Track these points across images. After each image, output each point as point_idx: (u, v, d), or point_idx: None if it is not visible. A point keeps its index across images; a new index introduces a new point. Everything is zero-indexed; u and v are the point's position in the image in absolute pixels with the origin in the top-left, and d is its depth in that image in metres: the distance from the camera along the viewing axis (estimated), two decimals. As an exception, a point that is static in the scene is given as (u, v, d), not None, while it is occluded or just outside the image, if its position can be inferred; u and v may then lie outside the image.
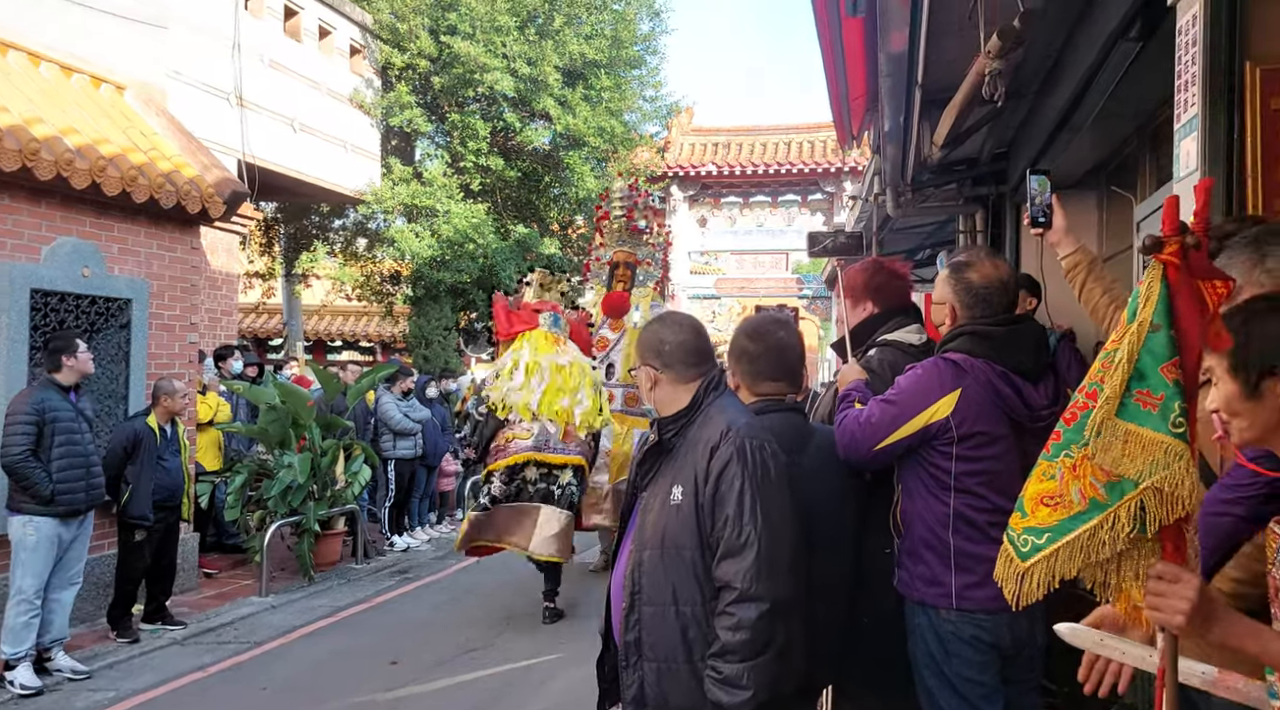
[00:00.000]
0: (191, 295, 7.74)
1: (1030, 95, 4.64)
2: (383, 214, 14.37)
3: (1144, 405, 1.59)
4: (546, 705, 5.23)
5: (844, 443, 2.55)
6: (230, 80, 11.04)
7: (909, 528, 2.56)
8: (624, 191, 8.78)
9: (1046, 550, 1.69)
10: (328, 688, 5.50)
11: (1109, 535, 1.62)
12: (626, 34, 14.58)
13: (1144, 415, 1.59)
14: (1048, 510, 1.70)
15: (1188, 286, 1.61)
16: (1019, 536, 1.75)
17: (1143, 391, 1.60)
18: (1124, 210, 5.25)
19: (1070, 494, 1.67)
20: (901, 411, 2.49)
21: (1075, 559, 1.66)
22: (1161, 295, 1.60)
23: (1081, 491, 1.65)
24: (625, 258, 8.47)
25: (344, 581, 8.19)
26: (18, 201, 6.22)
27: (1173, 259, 1.60)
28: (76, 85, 7.33)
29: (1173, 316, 1.60)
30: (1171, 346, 1.59)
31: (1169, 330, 1.59)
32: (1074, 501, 1.66)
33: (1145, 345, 1.61)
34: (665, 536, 2.23)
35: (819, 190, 20.72)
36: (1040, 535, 1.70)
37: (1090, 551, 1.64)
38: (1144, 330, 1.61)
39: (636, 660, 2.26)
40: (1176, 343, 1.59)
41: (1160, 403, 1.58)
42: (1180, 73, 2.67)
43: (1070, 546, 1.66)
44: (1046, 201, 2.59)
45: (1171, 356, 1.58)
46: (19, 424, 5.40)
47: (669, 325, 2.41)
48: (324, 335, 19.08)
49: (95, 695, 5.35)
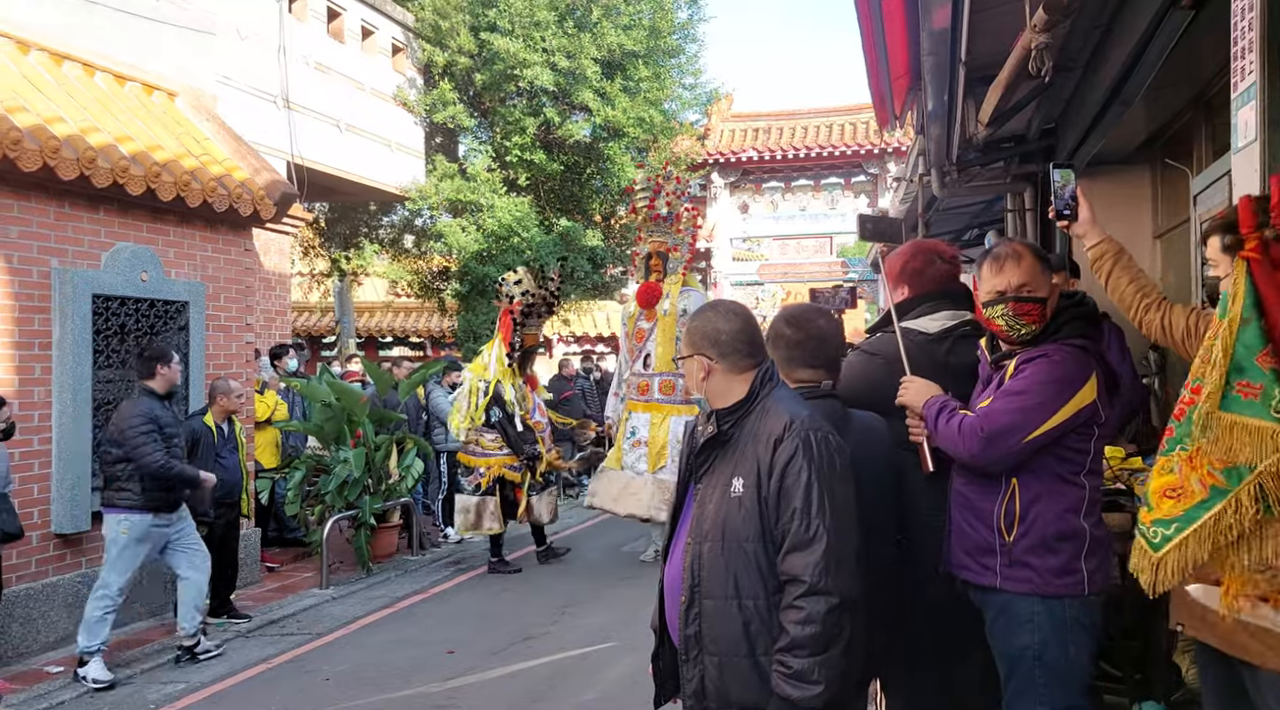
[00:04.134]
0: (246, 296, 7.92)
1: (1079, 69, 4.54)
2: (429, 210, 14.53)
3: (1245, 395, 1.69)
4: (601, 693, 5.28)
5: (975, 446, 2.46)
6: (277, 83, 11.23)
7: (1031, 522, 2.46)
8: (645, 182, 8.81)
9: (1176, 539, 1.78)
10: (388, 677, 5.62)
11: (1234, 518, 1.70)
12: (664, 23, 14.53)
13: (1246, 405, 1.68)
14: (1171, 502, 1.80)
15: (1272, 279, 1.69)
16: (1149, 529, 1.84)
17: (1243, 383, 1.69)
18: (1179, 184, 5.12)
19: (1191, 484, 1.76)
20: (1042, 401, 2.41)
21: (1205, 543, 1.74)
22: (1248, 289, 1.69)
23: (1201, 481, 1.74)
24: (656, 247, 8.55)
25: (401, 573, 8.33)
26: (77, 209, 6.41)
27: (1254, 254, 1.70)
28: (129, 93, 7.51)
29: (1261, 308, 1.68)
30: (1263, 337, 1.67)
31: (1259, 322, 1.67)
32: (1195, 491, 1.75)
33: (1239, 339, 1.69)
34: (726, 529, 2.21)
35: (862, 172, 20.48)
36: (1168, 526, 1.79)
37: (1218, 535, 1.72)
38: (1235, 325, 1.69)
39: (697, 654, 2.24)
40: (1267, 333, 1.67)
41: (1260, 391, 1.67)
42: (1236, 39, 2.59)
43: (1199, 532, 1.74)
44: (1071, 193, 2.60)
45: (1264, 346, 1.67)
46: (142, 432, 5.54)
47: (723, 314, 2.35)
48: (375, 332, 19.38)
49: (166, 688, 5.52)
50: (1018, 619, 2.49)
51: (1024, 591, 2.48)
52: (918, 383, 2.68)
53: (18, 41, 6.69)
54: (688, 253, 8.79)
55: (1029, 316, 2.50)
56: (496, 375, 8.21)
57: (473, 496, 8.23)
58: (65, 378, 6.21)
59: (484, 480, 8.22)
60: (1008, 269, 2.51)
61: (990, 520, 2.53)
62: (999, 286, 2.52)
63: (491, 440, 8.22)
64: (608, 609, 7.04)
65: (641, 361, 8.49)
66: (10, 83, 6.25)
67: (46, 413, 6.17)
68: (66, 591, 6.24)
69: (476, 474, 8.27)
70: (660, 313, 8.34)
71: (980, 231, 9.47)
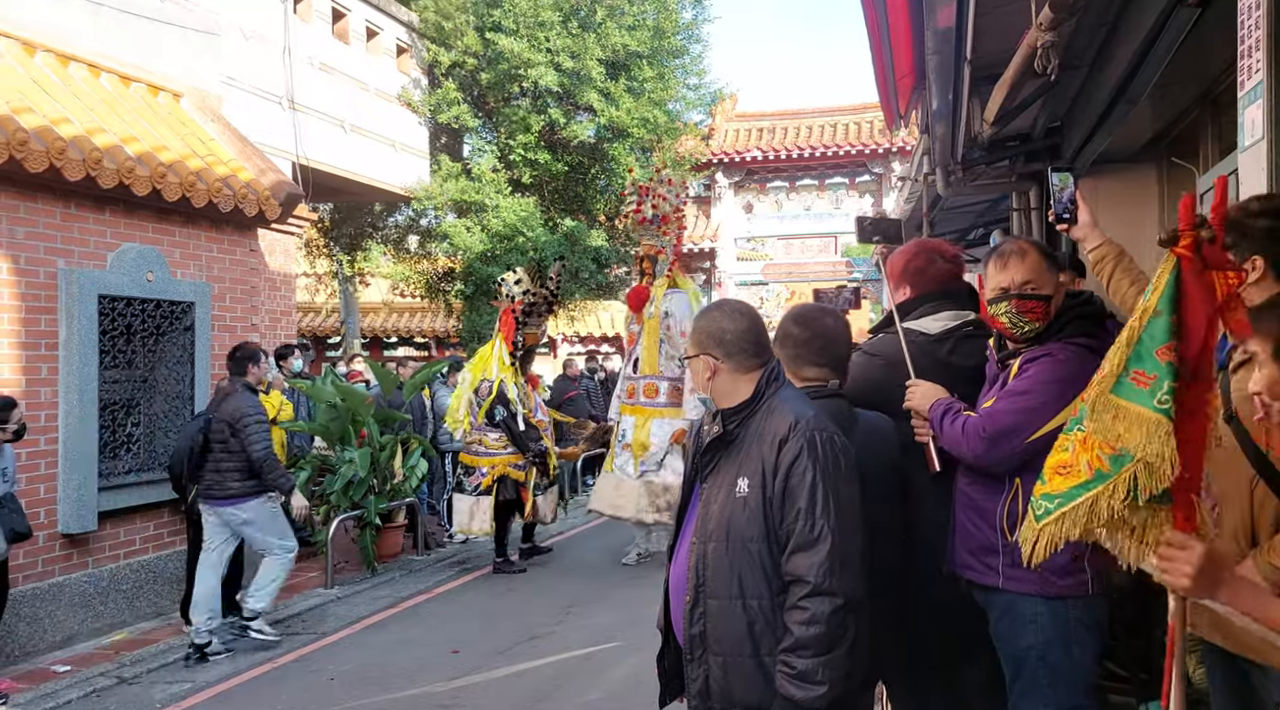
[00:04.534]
0: (252, 296, 7.93)
1: (1084, 67, 4.53)
2: (433, 211, 14.55)
3: (1138, 384, 1.74)
4: (606, 693, 5.28)
5: (979, 446, 2.46)
6: (282, 84, 11.25)
7: None
8: (632, 189, 8.85)
9: (1055, 513, 1.83)
10: (392, 676, 5.62)
11: (1107, 502, 1.75)
12: (669, 23, 14.52)
13: (1136, 393, 1.74)
14: (1061, 478, 1.85)
15: (1199, 277, 1.74)
16: (1037, 501, 1.90)
17: (1139, 371, 1.75)
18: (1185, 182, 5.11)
19: (1079, 464, 1.82)
20: (1045, 401, 2.41)
21: (1078, 523, 1.80)
22: (1169, 284, 1.74)
23: (1089, 463, 1.80)
24: (647, 251, 8.61)
25: (405, 572, 8.34)
26: (83, 210, 6.42)
27: (1185, 251, 1.74)
28: (135, 94, 7.53)
29: (1178, 304, 1.73)
30: (1169, 331, 1.72)
31: (1170, 316, 1.72)
32: (1081, 471, 1.81)
33: (1146, 329, 1.75)
34: (730, 529, 2.21)
35: (867, 172, 20.46)
36: (1052, 500, 1.85)
37: (1091, 517, 1.78)
38: (1147, 315, 1.75)
39: (702, 654, 2.25)
40: (1176, 329, 1.72)
41: (1153, 382, 1.72)
42: (1243, 37, 2.59)
43: (1074, 511, 1.80)
44: (1070, 196, 2.62)
45: (1167, 341, 1.72)
46: (256, 424, 6.08)
47: (729, 314, 2.35)
48: (379, 332, 19.40)
49: (172, 687, 5.54)
50: (1021, 619, 2.49)
51: (1027, 592, 2.47)
52: (924, 386, 2.67)
53: (24, 43, 6.71)
54: (672, 255, 8.77)
55: (1032, 314, 2.50)
56: (500, 375, 8.22)
57: (469, 496, 8.26)
58: (72, 378, 6.23)
59: (485, 481, 8.22)
60: (1012, 266, 2.51)
61: (993, 520, 2.52)
62: (1003, 283, 2.52)
63: (495, 440, 8.22)
64: (612, 609, 7.04)
65: (631, 365, 8.53)
66: (17, 84, 6.26)
67: (53, 413, 6.19)
68: (73, 591, 6.26)
69: (478, 474, 8.28)
70: (646, 316, 8.37)
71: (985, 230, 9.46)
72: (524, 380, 8.48)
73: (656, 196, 8.56)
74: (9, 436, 5.35)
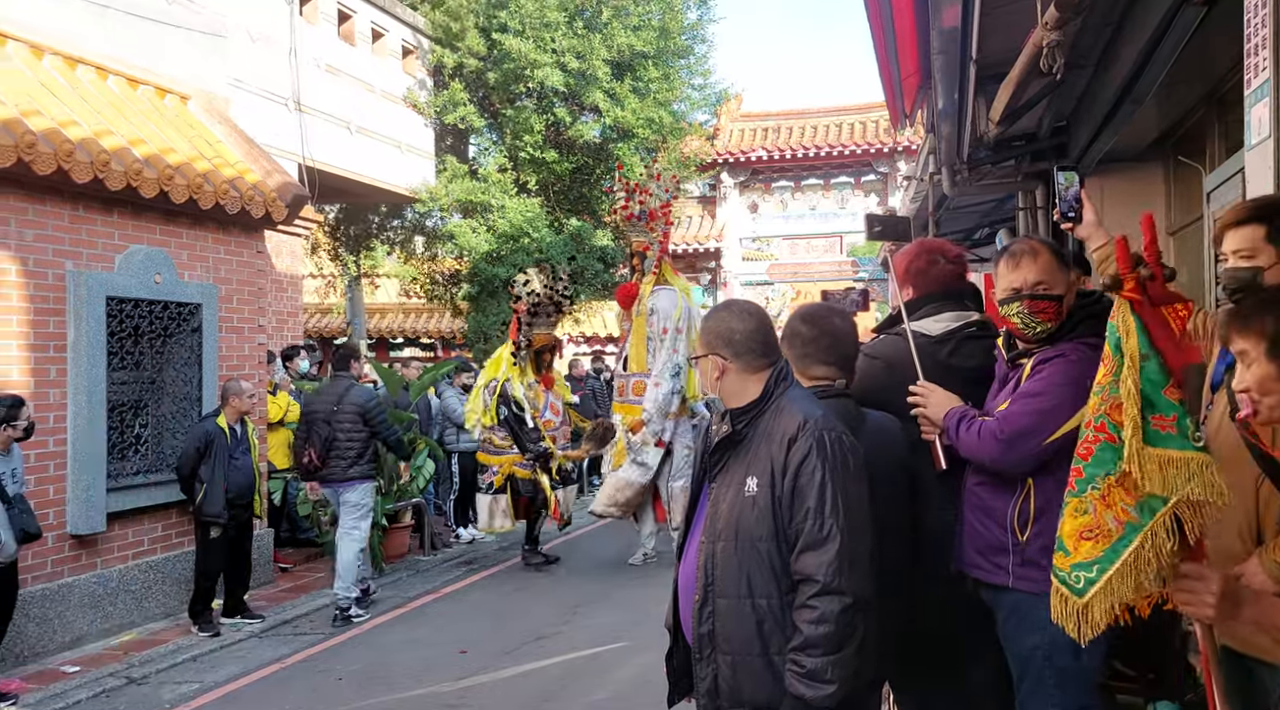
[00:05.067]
0: (259, 298, 7.96)
1: (1090, 66, 4.52)
2: (439, 212, 14.58)
3: (1163, 429, 1.75)
4: (613, 693, 5.29)
5: (996, 450, 2.45)
6: (288, 86, 11.28)
7: (1046, 523, 2.40)
8: (620, 185, 8.85)
9: (1100, 581, 1.79)
10: (400, 676, 5.64)
11: (1152, 552, 1.73)
12: (674, 24, 14.53)
13: (1166, 438, 1.74)
14: (1090, 543, 1.81)
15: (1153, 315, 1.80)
16: (1069, 575, 1.83)
17: (1156, 417, 1.75)
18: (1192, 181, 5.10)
19: (1106, 523, 1.79)
20: (1060, 403, 2.39)
21: (1129, 580, 1.76)
22: (1138, 327, 1.77)
23: (1116, 518, 1.78)
24: (636, 247, 8.58)
25: (413, 573, 8.36)
26: (91, 212, 6.45)
27: (1134, 295, 1.78)
28: (142, 96, 7.56)
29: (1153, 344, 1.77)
30: (1164, 371, 1.76)
31: (1157, 357, 1.76)
32: (1112, 529, 1.78)
33: (1143, 374, 1.76)
34: (739, 528, 2.22)
35: (872, 171, 20.44)
36: (1090, 568, 1.80)
37: (1140, 571, 1.75)
38: (1137, 361, 1.77)
39: (710, 653, 2.25)
40: (1168, 367, 1.76)
41: (1175, 423, 1.74)
42: (1249, 36, 2.59)
43: (1122, 571, 1.77)
44: (1075, 195, 2.62)
45: (1168, 380, 1.75)
46: (383, 410, 7.27)
47: (737, 314, 2.36)
48: (386, 333, 19.44)
49: (180, 687, 5.56)
50: (1028, 619, 2.48)
51: (1036, 591, 2.46)
52: (938, 394, 2.66)
53: (32, 46, 6.74)
54: (658, 251, 8.75)
55: (1044, 314, 2.49)
56: (505, 374, 8.23)
57: (486, 495, 8.33)
58: (80, 380, 6.26)
59: (496, 478, 8.28)
60: (1024, 266, 2.50)
61: (1003, 519, 2.52)
62: (1015, 284, 2.50)
63: (502, 439, 8.24)
64: (618, 609, 7.05)
65: (621, 363, 8.53)
66: (25, 87, 6.29)
67: (62, 414, 6.22)
68: (82, 592, 6.29)
69: (490, 472, 8.35)
70: (634, 313, 8.35)
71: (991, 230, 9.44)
72: (536, 380, 8.45)
73: (643, 192, 8.55)
74: (19, 434, 5.39)
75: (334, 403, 7.00)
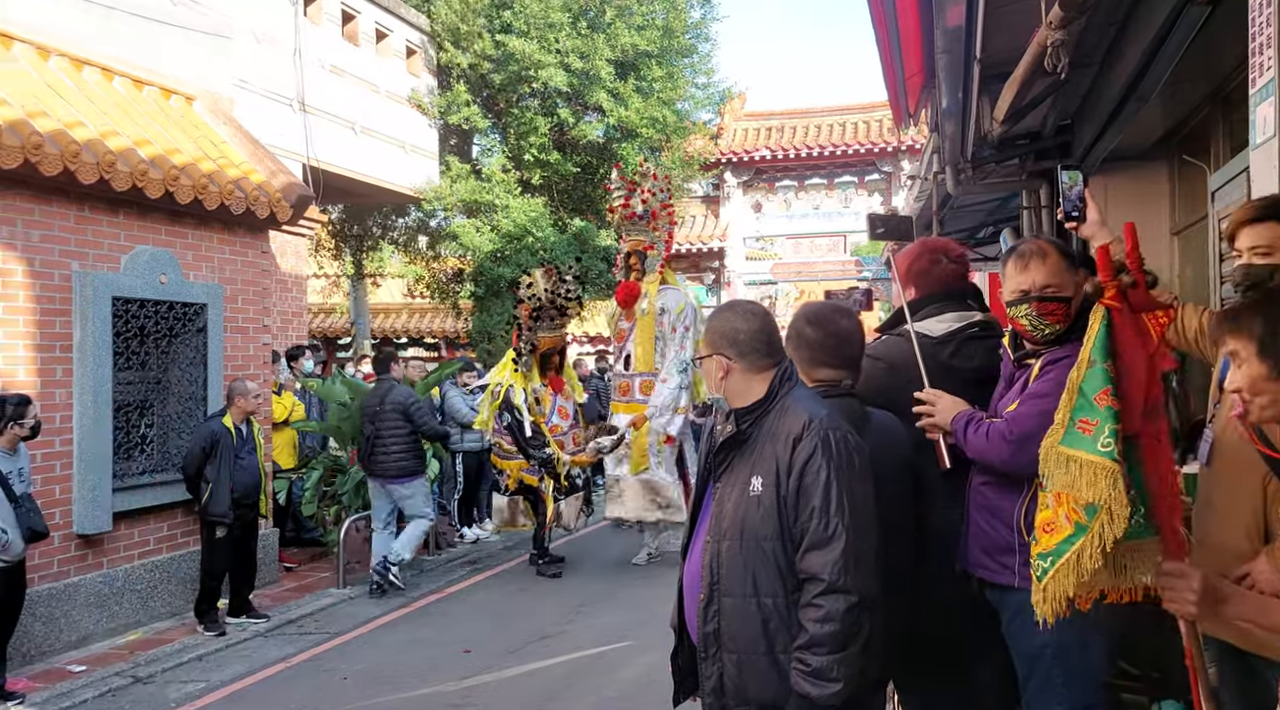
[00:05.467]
0: (263, 298, 7.97)
1: (1094, 65, 4.52)
2: (443, 211, 14.60)
3: (1084, 432, 1.85)
4: (618, 692, 5.29)
5: (1004, 451, 2.45)
6: (292, 86, 11.30)
7: None
8: (618, 183, 8.72)
9: (1051, 572, 1.91)
10: (404, 676, 5.65)
11: (1090, 553, 1.84)
12: (677, 23, 14.53)
13: (1081, 439, 1.84)
14: (1047, 536, 1.93)
15: (1130, 322, 1.85)
16: (1035, 561, 1.97)
17: (1084, 419, 1.85)
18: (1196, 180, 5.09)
19: (1059, 520, 1.90)
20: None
21: (1070, 576, 1.88)
22: (1100, 335, 1.85)
23: (1067, 516, 1.88)
24: (634, 246, 8.48)
25: (417, 572, 8.37)
26: (97, 212, 6.47)
27: (1114, 303, 1.85)
28: (148, 97, 7.58)
29: (1112, 351, 1.84)
30: (1105, 378, 1.84)
31: (1104, 363, 1.84)
32: (1063, 526, 1.89)
33: (1085, 379, 1.86)
34: (745, 528, 2.22)
35: (876, 170, 20.43)
36: (1045, 559, 1.93)
37: (1080, 571, 1.86)
38: (1083, 366, 1.86)
39: (716, 651, 2.26)
40: (1111, 375, 1.83)
41: (1095, 427, 1.83)
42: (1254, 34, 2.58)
43: (1065, 566, 1.88)
44: (1078, 195, 2.62)
45: (1104, 387, 1.83)
46: (426, 408, 7.96)
47: (741, 314, 2.37)
48: (390, 333, 19.46)
49: (186, 686, 5.58)
50: (1035, 619, 2.49)
51: None
52: (945, 400, 2.66)
53: (38, 48, 6.76)
54: (664, 250, 8.72)
55: (1053, 316, 2.48)
56: (509, 380, 8.17)
57: (503, 496, 8.34)
58: (86, 380, 6.28)
59: (509, 482, 8.27)
60: (1032, 267, 2.49)
61: (1009, 519, 2.52)
62: (1023, 285, 2.49)
63: (510, 444, 8.21)
64: (622, 608, 7.06)
65: (623, 362, 8.45)
66: (31, 88, 6.31)
67: (68, 414, 6.24)
68: (88, 591, 6.31)
69: (504, 476, 8.33)
70: (639, 312, 8.30)
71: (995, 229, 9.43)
72: (543, 384, 8.39)
73: (644, 191, 8.51)
74: (26, 433, 5.40)
75: (378, 403, 7.56)
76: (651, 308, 8.24)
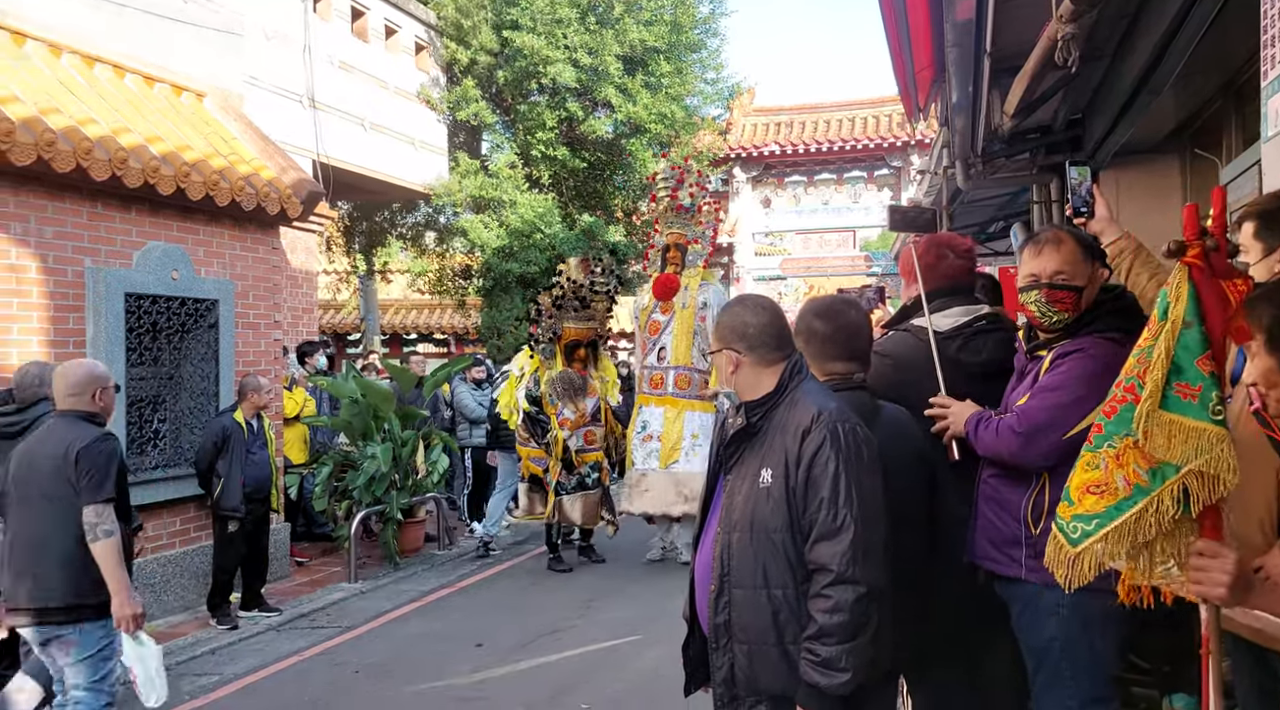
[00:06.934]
0: (274, 294, 8.01)
1: (1106, 58, 4.50)
2: (452, 207, 14.63)
3: (1184, 397, 1.74)
4: (630, 685, 5.31)
5: (1014, 445, 2.46)
6: (302, 83, 11.34)
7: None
8: (668, 172, 8.68)
9: (1096, 535, 1.82)
10: (416, 669, 5.68)
11: (1154, 517, 1.75)
12: (686, 18, 14.51)
13: (1185, 405, 1.74)
14: (1094, 498, 1.84)
15: (1211, 286, 1.77)
16: (1068, 524, 1.87)
17: (1182, 384, 1.75)
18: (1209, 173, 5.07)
19: (1115, 482, 1.81)
20: (1079, 397, 2.39)
21: (1124, 541, 1.79)
22: (1190, 294, 1.76)
23: (1126, 478, 1.79)
24: (675, 239, 8.41)
25: (428, 567, 8.41)
26: (109, 209, 6.51)
27: (1196, 261, 1.77)
28: (159, 94, 7.61)
29: (1201, 313, 1.75)
30: (1204, 341, 1.74)
31: (1200, 326, 1.74)
32: (1119, 488, 1.80)
33: (1180, 341, 1.75)
34: (754, 519, 2.24)
35: (885, 165, 20.37)
36: (1089, 521, 1.83)
37: (1137, 533, 1.78)
38: (1178, 327, 1.76)
39: (726, 642, 2.28)
40: (1207, 338, 1.74)
41: (1199, 393, 1.73)
42: (1267, 27, 2.57)
43: (1119, 530, 1.79)
44: (1087, 190, 2.65)
45: (1205, 350, 1.74)
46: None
47: (751, 308, 2.38)
48: (399, 329, 19.51)
49: (200, 680, 5.61)
50: (1044, 611, 2.49)
51: (1050, 584, 2.47)
52: (955, 408, 2.66)
53: (51, 45, 6.80)
54: (709, 246, 8.70)
55: (1062, 304, 2.48)
56: (530, 367, 8.22)
57: (523, 483, 8.40)
58: (99, 375, 6.30)
59: (523, 470, 8.33)
60: (1046, 254, 2.49)
61: (1017, 511, 2.52)
62: (1035, 271, 2.50)
63: (525, 430, 8.20)
64: (633, 603, 7.08)
65: (655, 354, 8.37)
66: (44, 86, 6.35)
67: (81, 410, 6.26)
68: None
69: (519, 463, 8.41)
70: (678, 305, 8.26)
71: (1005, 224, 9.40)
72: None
73: (692, 185, 8.47)
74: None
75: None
76: (693, 301, 8.19)
